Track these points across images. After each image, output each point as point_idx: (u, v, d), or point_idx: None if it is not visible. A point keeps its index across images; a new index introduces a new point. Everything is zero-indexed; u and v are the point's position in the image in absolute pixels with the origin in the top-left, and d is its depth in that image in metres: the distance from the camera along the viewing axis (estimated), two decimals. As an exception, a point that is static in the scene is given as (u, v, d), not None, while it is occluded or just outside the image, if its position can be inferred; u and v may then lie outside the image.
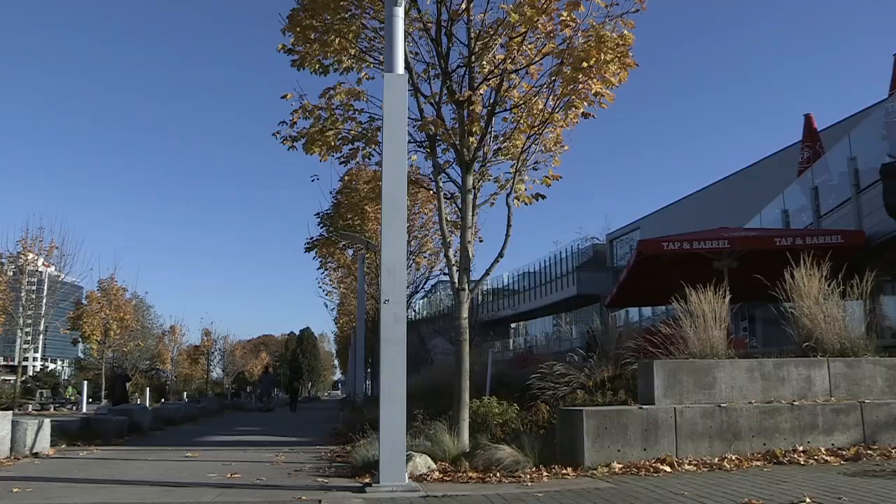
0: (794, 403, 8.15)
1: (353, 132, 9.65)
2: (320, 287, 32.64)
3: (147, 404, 28.23)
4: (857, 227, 15.50)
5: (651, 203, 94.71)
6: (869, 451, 7.71)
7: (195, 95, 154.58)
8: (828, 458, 7.56)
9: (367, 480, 7.02)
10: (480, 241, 12.58)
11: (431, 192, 10.87)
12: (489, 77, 9.24)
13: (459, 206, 9.34)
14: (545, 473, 7.14)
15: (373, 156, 9.93)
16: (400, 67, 7.47)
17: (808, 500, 5.39)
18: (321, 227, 25.23)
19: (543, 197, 9.88)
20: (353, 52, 9.48)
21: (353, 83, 9.62)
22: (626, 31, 8.66)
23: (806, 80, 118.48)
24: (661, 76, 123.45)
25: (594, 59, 8.42)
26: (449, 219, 10.19)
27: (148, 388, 40.73)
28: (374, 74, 9.71)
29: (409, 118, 8.38)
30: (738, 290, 11.69)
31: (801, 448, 7.82)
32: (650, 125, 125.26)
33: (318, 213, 25.30)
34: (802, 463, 7.39)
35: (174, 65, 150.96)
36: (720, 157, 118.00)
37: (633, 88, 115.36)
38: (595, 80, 8.68)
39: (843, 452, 7.71)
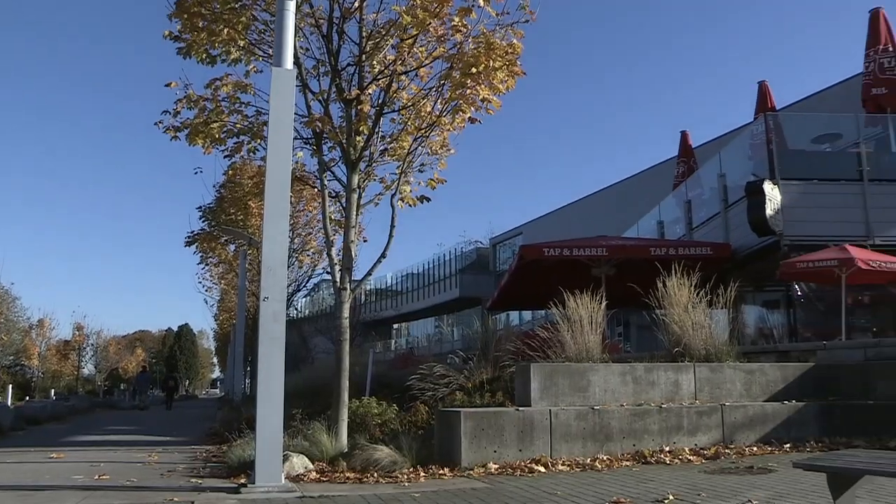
0: (663, 406, 8.52)
1: (238, 125, 9.43)
2: (200, 282, 31.85)
3: (9, 402, 26.70)
4: (724, 240, 16.36)
5: (535, 209, 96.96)
6: (727, 451, 8.15)
7: (71, 73, 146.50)
8: (691, 457, 7.91)
9: (242, 481, 6.86)
10: (364, 240, 12.58)
11: (316, 189, 10.76)
12: (379, 77, 9.23)
13: (344, 204, 9.29)
14: (422, 474, 7.18)
15: (258, 150, 9.73)
16: (289, 62, 7.36)
17: (671, 497, 5.64)
18: (203, 221, 24.62)
19: (428, 199, 9.94)
20: (242, 43, 9.26)
21: (241, 75, 9.42)
22: (515, 41, 8.81)
23: (683, 99, 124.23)
24: (550, 85, 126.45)
25: (483, 65, 8.53)
26: (333, 217, 10.11)
27: (10, 386, 38.59)
28: (262, 68, 9.52)
29: (296, 114, 8.24)
30: (614, 296, 12.10)
31: (667, 448, 8.17)
32: (536, 133, 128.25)
33: (200, 207, 24.68)
34: (668, 462, 7.71)
35: (48, 43, 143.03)
36: (603, 167, 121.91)
37: (521, 95, 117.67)
38: (483, 86, 8.80)
39: (705, 452, 8.11)
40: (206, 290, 33.10)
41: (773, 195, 14.43)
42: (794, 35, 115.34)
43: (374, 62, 9.23)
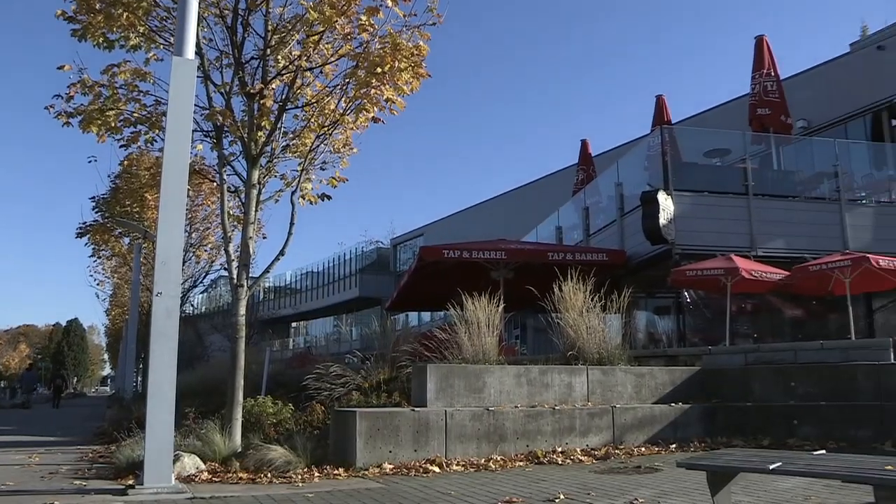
0: (556, 408, 8.72)
1: (136, 114, 9.12)
2: (92, 276, 30.65)
3: None
4: (620, 247, 16.81)
5: (437, 211, 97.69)
6: (616, 451, 8.44)
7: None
8: (583, 458, 8.14)
9: (130, 482, 6.65)
10: (264, 237, 12.37)
11: (215, 184, 10.52)
12: (283, 72, 9.10)
13: (243, 200, 9.13)
14: (317, 474, 7.14)
15: (156, 141, 9.41)
16: (190, 52, 7.18)
17: (562, 496, 5.78)
18: (96, 212, 23.70)
19: (329, 197, 9.87)
20: (142, 29, 8.96)
21: (141, 63, 9.11)
22: (421, 43, 8.86)
23: (585, 108, 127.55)
24: (455, 88, 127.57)
25: (389, 65, 8.53)
26: (232, 213, 9.91)
27: None
28: (163, 56, 9.21)
29: (196, 106, 8.06)
30: (512, 299, 12.26)
31: (560, 449, 8.38)
32: (440, 136, 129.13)
33: (93, 197, 23.76)
34: (560, 463, 7.91)
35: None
36: (505, 172, 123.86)
37: (425, 97, 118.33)
38: (388, 87, 8.80)
39: (596, 452, 8.36)
40: (98, 284, 31.85)
41: (666, 205, 14.94)
42: (691, 54, 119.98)
43: (279, 57, 9.10)
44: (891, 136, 21.48)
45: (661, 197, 14.94)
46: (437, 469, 7.45)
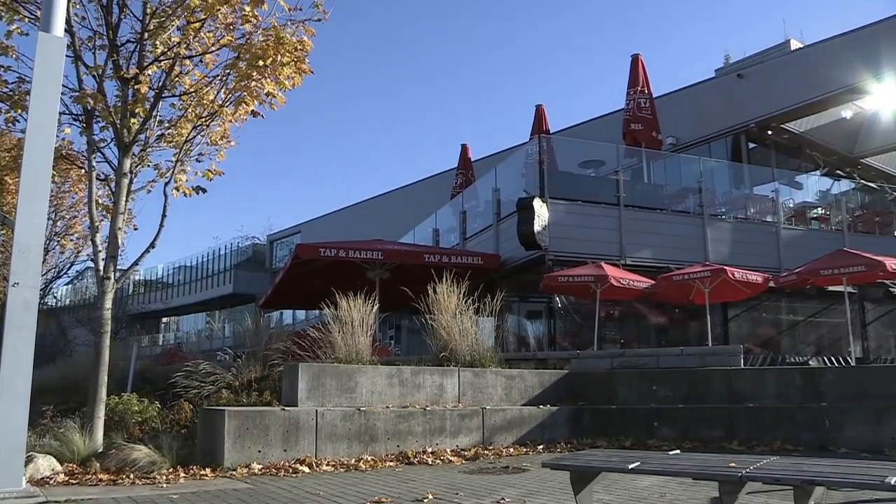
0: (428, 409, 8.80)
1: (-5, 91, 8.60)
2: (-59, 262, 28.61)
3: None
4: (495, 251, 17.15)
5: (315, 210, 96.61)
6: (486, 452, 8.61)
7: None
8: (452, 458, 8.25)
9: (-27, 488, 6.25)
10: (135, 228, 11.89)
11: (84, 170, 10.06)
12: (161, 59, 8.78)
13: (113, 189, 8.76)
14: (183, 474, 6.94)
15: (18, 122, 8.88)
16: (59, 29, 6.80)
17: (430, 496, 5.84)
18: (-52, 194, 22.14)
19: (204, 190, 9.59)
20: (3, -2, 8.44)
21: (2, 35, 8.58)
22: (305, 38, 8.76)
23: (467, 113, 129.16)
24: (333, 84, 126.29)
25: (271, 58, 8.39)
26: (101, 202, 9.46)
27: None
28: (28, 30, 8.70)
29: (65, 87, 7.67)
30: (388, 300, 12.31)
31: (430, 449, 8.47)
32: (318, 132, 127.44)
33: (-56, 179, 22.17)
34: (430, 463, 7.99)
35: None
36: (383, 173, 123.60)
37: (308, 93, 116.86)
38: (269, 80, 8.65)
39: (466, 453, 8.50)
40: (-53, 272, 29.80)
41: (541, 212, 15.37)
42: (569, 68, 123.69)
43: (157, 42, 8.75)
44: (748, 157, 22.98)
45: (537, 204, 15.36)
46: (306, 469, 7.39)
